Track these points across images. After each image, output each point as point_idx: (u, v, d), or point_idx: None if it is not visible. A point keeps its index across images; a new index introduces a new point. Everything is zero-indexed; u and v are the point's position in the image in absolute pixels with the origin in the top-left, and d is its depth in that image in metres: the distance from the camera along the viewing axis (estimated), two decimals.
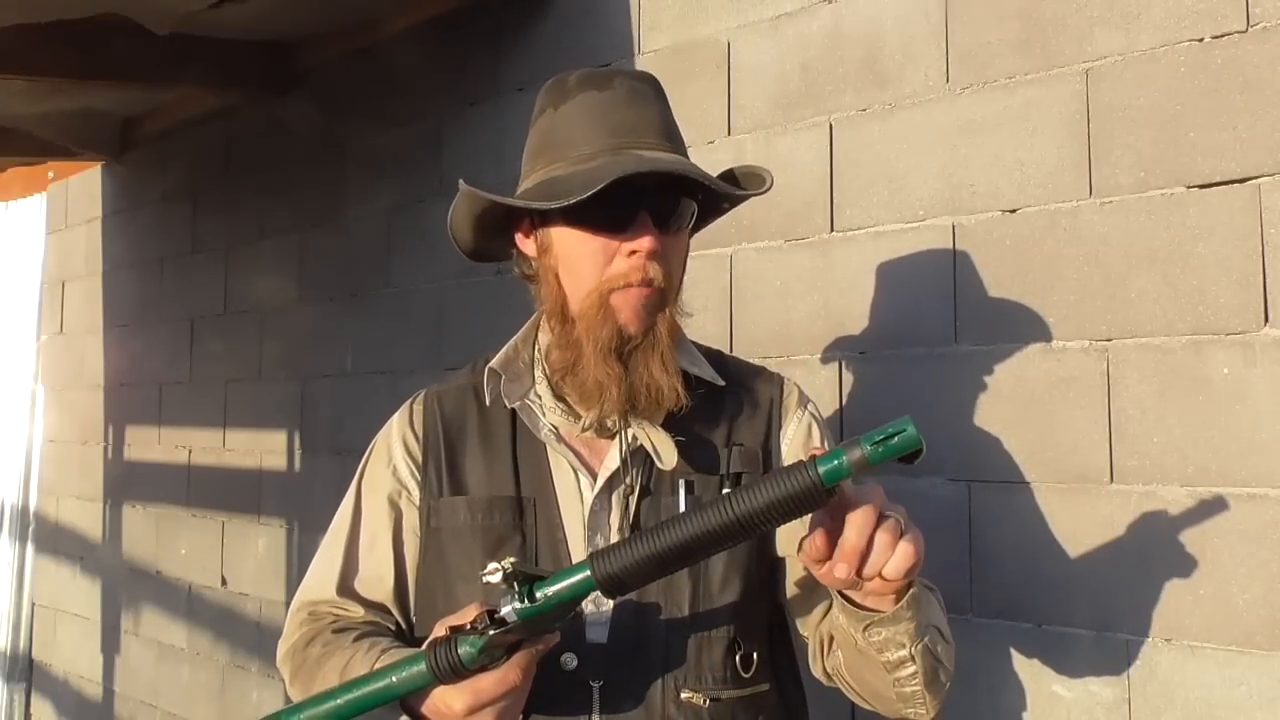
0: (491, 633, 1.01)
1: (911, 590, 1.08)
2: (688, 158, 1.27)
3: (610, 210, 1.17)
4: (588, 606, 1.18)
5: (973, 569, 1.70)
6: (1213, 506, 1.47)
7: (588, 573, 1.00)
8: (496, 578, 0.99)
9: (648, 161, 1.17)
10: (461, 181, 1.26)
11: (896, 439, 0.94)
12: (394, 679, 1.05)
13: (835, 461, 0.95)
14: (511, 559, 1.00)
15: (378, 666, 1.11)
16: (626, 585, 1.00)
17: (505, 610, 1.00)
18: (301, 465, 3.13)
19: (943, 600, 1.27)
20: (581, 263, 1.21)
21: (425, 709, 1.07)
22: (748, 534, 0.97)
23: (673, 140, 1.25)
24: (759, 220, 2.01)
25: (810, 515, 0.99)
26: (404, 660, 1.06)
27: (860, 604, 1.09)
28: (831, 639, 1.24)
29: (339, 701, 1.06)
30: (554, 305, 1.24)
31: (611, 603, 1.19)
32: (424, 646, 1.05)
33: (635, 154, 1.19)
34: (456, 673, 1.02)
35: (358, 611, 1.31)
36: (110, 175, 4.15)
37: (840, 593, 1.10)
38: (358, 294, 2.95)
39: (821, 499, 0.96)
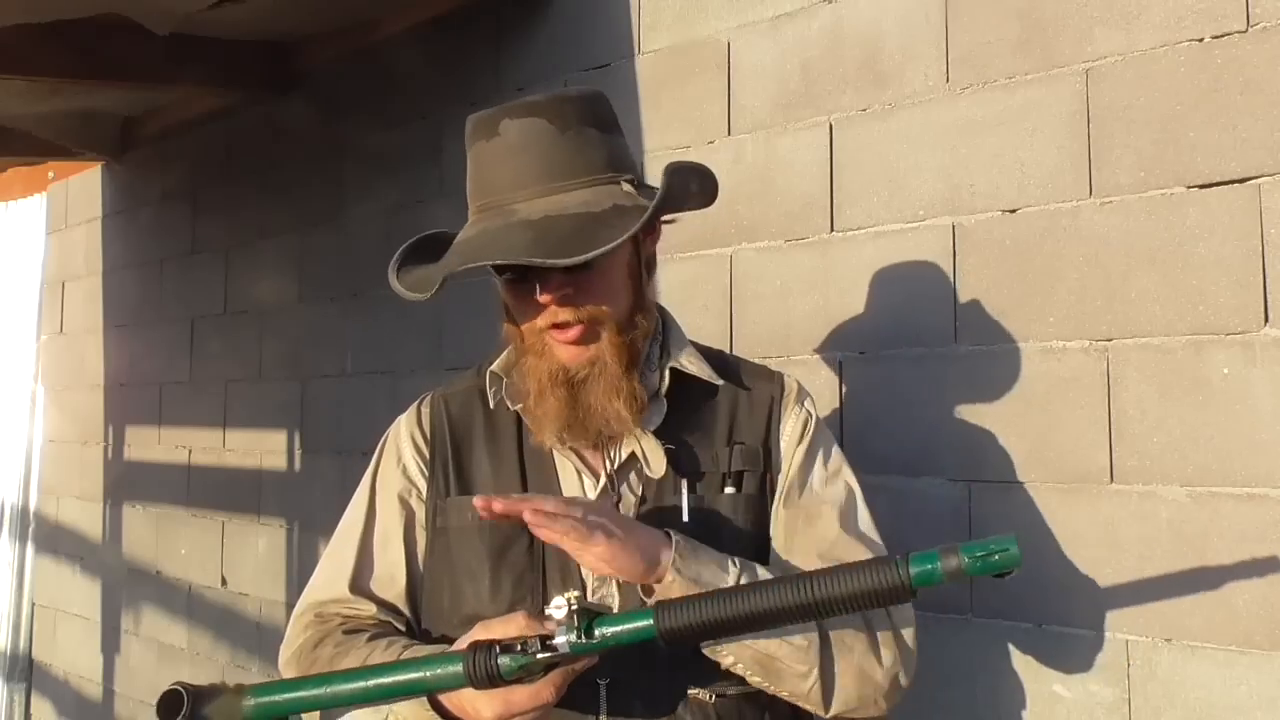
0: (539, 656, 1.01)
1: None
2: (614, 181, 1.22)
3: (510, 267, 1.21)
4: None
5: None
6: (1213, 506, 1.47)
7: (650, 622, 1.00)
8: (562, 613, 1.00)
9: (475, 251, 1.18)
10: (392, 273, 1.29)
11: (998, 557, 0.91)
12: (426, 674, 1.05)
13: (928, 566, 0.93)
14: (576, 593, 1.01)
15: (408, 656, 1.12)
16: (685, 641, 1.00)
17: (559, 640, 1.00)
18: (301, 465, 3.13)
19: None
20: (514, 309, 1.26)
21: (449, 702, 1.08)
22: (820, 615, 0.97)
23: (563, 176, 1.20)
24: (759, 220, 2.01)
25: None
26: (440, 657, 1.06)
27: None
28: None
29: (367, 684, 1.06)
30: (513, 336, 1.28)
31: (618, 601, 1.20)
32: (464, 647, 1.05)
33: (511, 211, 1.19)
34: (492, 681, 1.02)
35: (369, 610, 1.31)
36: (110, 175, 4.15)
37: None
38: (358, 294, 2.95)
39: (905, 596, 0.95)
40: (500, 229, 1.18)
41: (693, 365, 1.30)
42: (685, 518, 1.23)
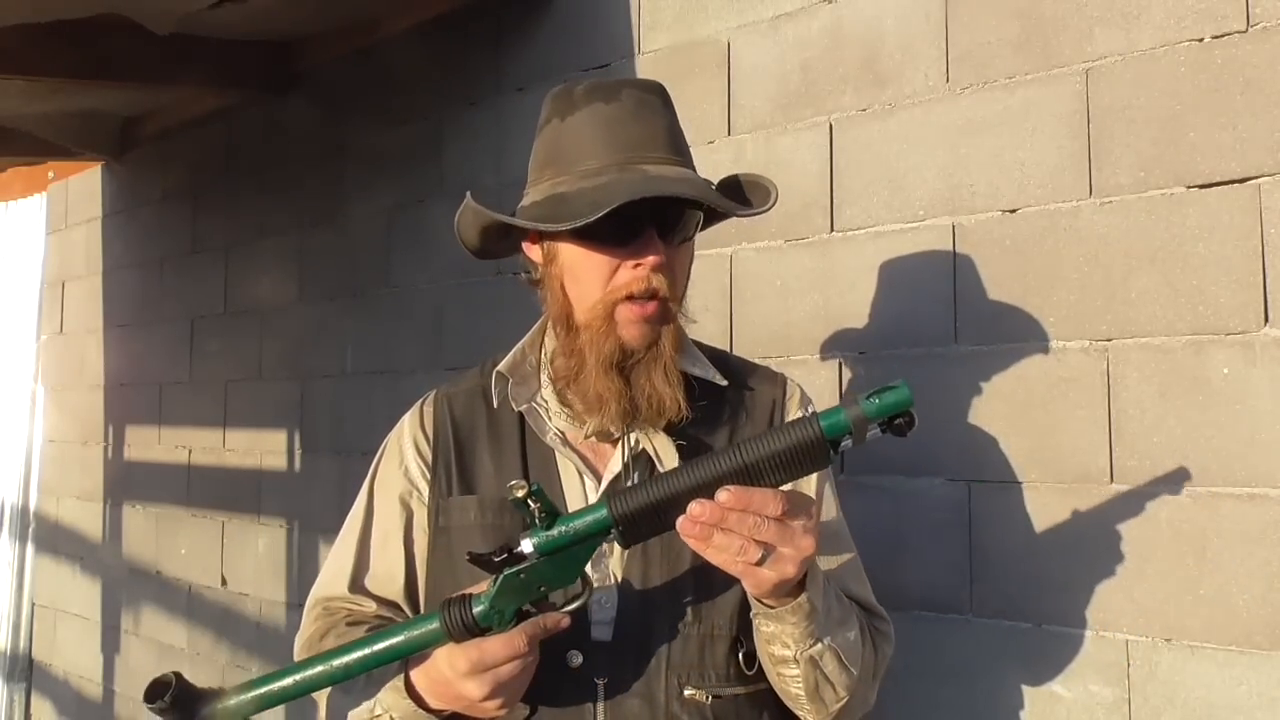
0: (506, 572, 1.02)
1: (802, 597, 1.10)
2: (693, 167, 1.27)
3: (617, 225, 1.17)
4: (593, 610, 1.19)
5: (973, 569, 1.70)
6: (1213, 506, 1.47)
7: (605, 512, 1.02)
8: (521, 493, 1.01)
9: (654, 182, 1.18)
10: (469, 194, 1.27)
11: (890, 394, 0.98)
12: (405, 635, 1.06)
13: (835, 417, 0.99)
14: (538, 484, 1.02)
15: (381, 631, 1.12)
16: (639, 527, 1.02)
17: (523, 544, 1.02)
18: (301, 465, 3.13)
19: (878, 637, 1.28)
20: (587, 275, 1.22)
21: (424, 678, 1.08)
22: (754, 482, 1.00)
23: (680, 152, 1.25)
24: (759, 220, 2.00)
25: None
26: (418, 619, 1.07)
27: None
28: None
29: (350, 658, 1.07)
30: (559, 313, 1.26)
31: (616, 601, 1.20)
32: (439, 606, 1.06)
33: (642, 170, 1.19)
34: (469, 630, 1.04)
35: (370, 607, 1.33)
36: (110, 175, 4.15)
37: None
38: (358, 294, 2.96)
39: (822, 453, 0.99)
40: (645, 180, 1.18)
41: (700, 369, 1.30)
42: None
